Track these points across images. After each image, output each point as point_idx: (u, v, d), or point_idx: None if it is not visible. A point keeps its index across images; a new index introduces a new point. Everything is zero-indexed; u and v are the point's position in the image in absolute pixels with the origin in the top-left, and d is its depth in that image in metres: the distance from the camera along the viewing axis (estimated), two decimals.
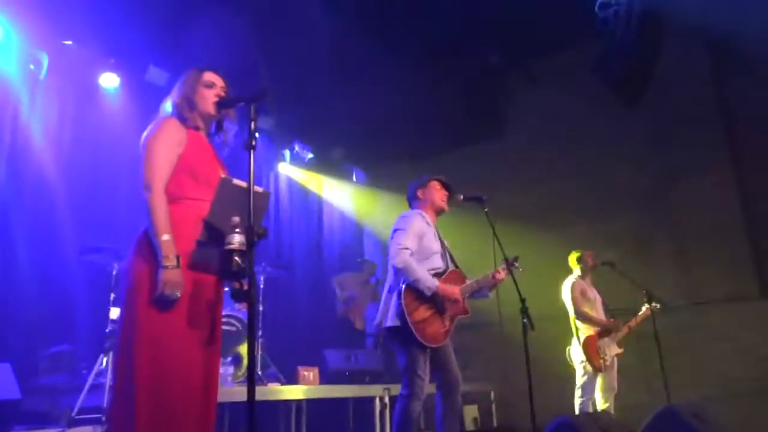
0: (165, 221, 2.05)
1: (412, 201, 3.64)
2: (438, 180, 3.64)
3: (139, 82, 5.64)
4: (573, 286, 5.00)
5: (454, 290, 3.29)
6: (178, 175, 2.17)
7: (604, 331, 4.88)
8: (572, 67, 6.39)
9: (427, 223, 3.47)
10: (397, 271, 3.28)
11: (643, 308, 4.98)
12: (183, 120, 2.28)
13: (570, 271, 5.24)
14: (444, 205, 3.60)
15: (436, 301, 3.26)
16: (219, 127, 2.46)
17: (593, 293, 5.06)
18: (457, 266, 3.54)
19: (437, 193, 3.59)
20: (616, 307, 5.63)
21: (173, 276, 2.00)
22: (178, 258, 2.02)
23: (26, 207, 4.85)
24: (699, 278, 5.97)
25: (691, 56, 6.29)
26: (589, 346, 4.80)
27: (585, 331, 4.87)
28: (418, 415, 3.19)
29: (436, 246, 3.45)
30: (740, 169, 5.99)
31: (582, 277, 5.12)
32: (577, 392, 4.84)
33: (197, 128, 2.33)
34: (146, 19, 5.02)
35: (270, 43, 5.52)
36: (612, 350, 4.86)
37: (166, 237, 2.03)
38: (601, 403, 4.80)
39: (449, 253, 3.57)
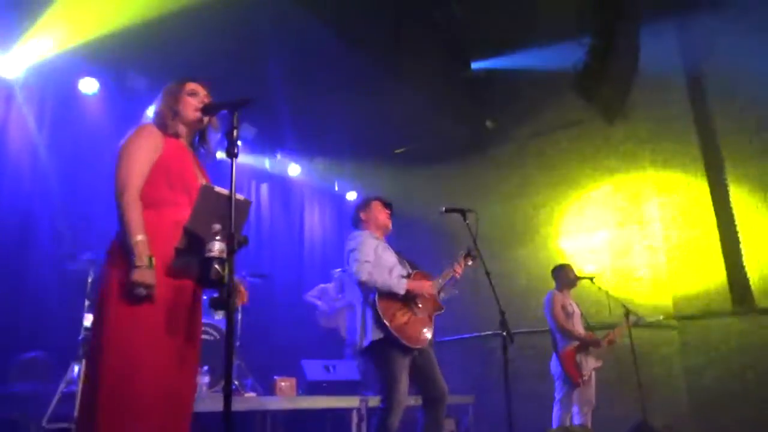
0: (138, 223, 2.03)
1: (357, 224, 3.67)
2: (379, 200, 3.69)
3: (119, 87, 5.59)
4: (553, 300, 5.03)
5: (424, 284, 3.35)
6: (154, 181, 2.16)
7: (583, 346, 4.90)
8: (555, 82, 6.48)
9: (376, 239, 3.51)
10: (363, 288, 3.29)
11: (623, 323, 5.02)
12: (163, 127, 2.28)
13: (550, 284, 5.29)
14: (388, 223, 3.63)
15: (409, 304, 3.28)
16: (202, 137, 2.46)
17: (572, 307, 5.10)
18: (416, 268, 3.57)
19: (380, 213, 3.63)
20: (595, 320, 5.69)
21: (144, 276, 1.96)
22: (150, 258, 1.99)
23: (3, 209, 4.75)
24: (675, 293, 6.06)
25: (668, 74, 6.42)
26: (566, 360, 4.83)
27: (563, 345, 4.91)
28: (397, 428, 3.17)
29: (391, 257, 3.49)
30: (715, 185, 6.11)
31: (561, 290, 5.15)
32: (555, 406, 4.85)
33: (177, 136, 2.33)
34: (127, 24, 4.99)
35: (253, 52, 5.51)
36: (590, 364, 4.88)
37: (140, 237, 2.00)
38: (578, 417, 4.83)
39: (406, 260, 3.60)
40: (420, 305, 3.35)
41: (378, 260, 3.38)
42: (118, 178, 2.10)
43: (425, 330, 3.31)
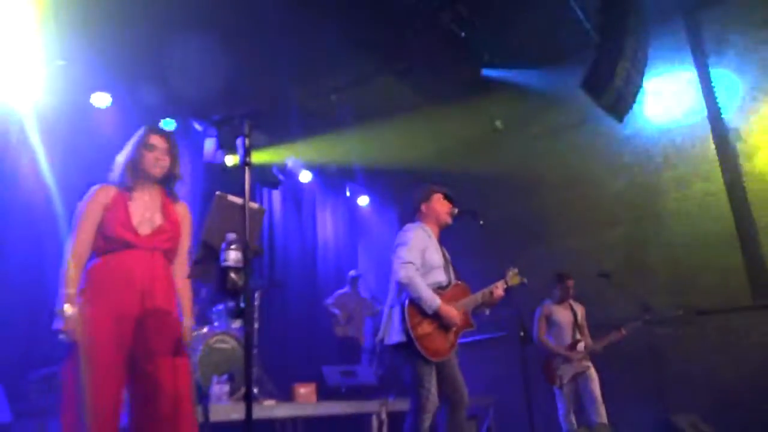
0: (68, 279, 2.38)
1: (415, 214, 3.60)
2: (441, 193, 3.61)
3: (132, 101, 5.64)
4: (541, 311, 5.31)
5: (452, 314, 3.24)
6: (96, 236, 2.49)
7: (566, 350, 5.11)
8: (563, 80, 6.44)
9: (429, 237, 3.45)
10: (400, 286, 3.25)
11: (621, 329, 5.12)
12: (122, 181, 2.55)
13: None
14: (447, 218, 3.55)
15: (438, 318, 3.24)
16: (168, 181, 2.65)
17: (563, 316, 5.28)
18: (459, 279, 3.52)
19: (441, 207, 3.55)
20: (611, 317, 5.63)
21: (59, 322, 2.30)
22: (69, 308, 2.31)
23: (15, 226, 4.81)
24: (692, 288, 5.98)
25: (680, 69, 6.37)
26: (545, 366, 5.13)
27: (545, 352, 5.19)
28: (427, 429, 3.15)
29: (438, 260, 3.42)
30: (731, 178, 6.03)
31: (556, 300, 5.35)
32: (558, 404, 5.13)
33: (132, 189, 2.55)
34: (137, 38, 5.05)
35: (264, 60, 5.55)
36: (571, 369, 5.06)
37: (63, 291, 2.35)
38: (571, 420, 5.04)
39: (452, 266, 3.54)
40: None
41: (422, 261, 3.33)
42: (69, 241, 2.47)
43: (448, 345, 3.25)
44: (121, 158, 2.60)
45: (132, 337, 2.40)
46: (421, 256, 3.34)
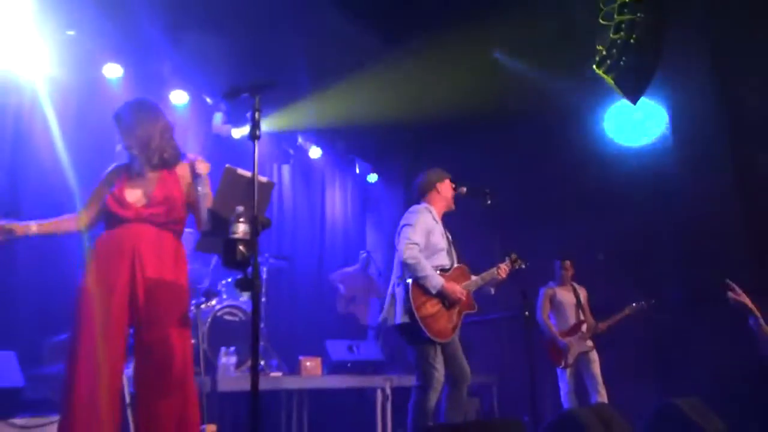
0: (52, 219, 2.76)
1: (427, 193, 3.62)
2: (449, 178, 3.68)
3: (144, 72, 5.63)
4: (544, 294, 5.45)
5: (456, 289, 3.29)
6: (103, 211, 2.62)
7: (569, 331, 5.21)
8: (576, 61, 6.35)
9: (434, 219, 3.47)
10: (404, 266, 3.28)
11: (625, 309, 5.25)
12: (129, 162, 2.66)
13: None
14: (453, 204, 3.64)
15: (442, 297, 3.27)
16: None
17: (565, 298, 5.40)
18: (461, 262, 3.54)
19: (449, 192, 3.62)
20: (614, 301, 5.64)
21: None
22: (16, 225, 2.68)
23: (30, 194, 4.85)
24: (697, 275, 5.95)
25: (693, 53, 6.26)
26: (548, 346, 5.22)
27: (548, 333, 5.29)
28: (433, 406, 3.20)
29: (443, 243, 3.45)
30: (739, 165, 5.96)
31: (559, 282, 5.50)
32: (560, 384, 5.23)
33: (134, 167, 2.64)
34: (148, 9, 5.02)
35: (273, 33, 5.51)
36: (576, 348, 5.12)
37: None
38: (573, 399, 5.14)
39: (454, 249, 3.57)
40: (453, 301, 3.33)
41: (427, 243, 3.36)
42: None
43: (451, 326, 3.29)
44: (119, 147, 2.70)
45: (129, 306, 2.45)
46: (426, 238, 3.36)
